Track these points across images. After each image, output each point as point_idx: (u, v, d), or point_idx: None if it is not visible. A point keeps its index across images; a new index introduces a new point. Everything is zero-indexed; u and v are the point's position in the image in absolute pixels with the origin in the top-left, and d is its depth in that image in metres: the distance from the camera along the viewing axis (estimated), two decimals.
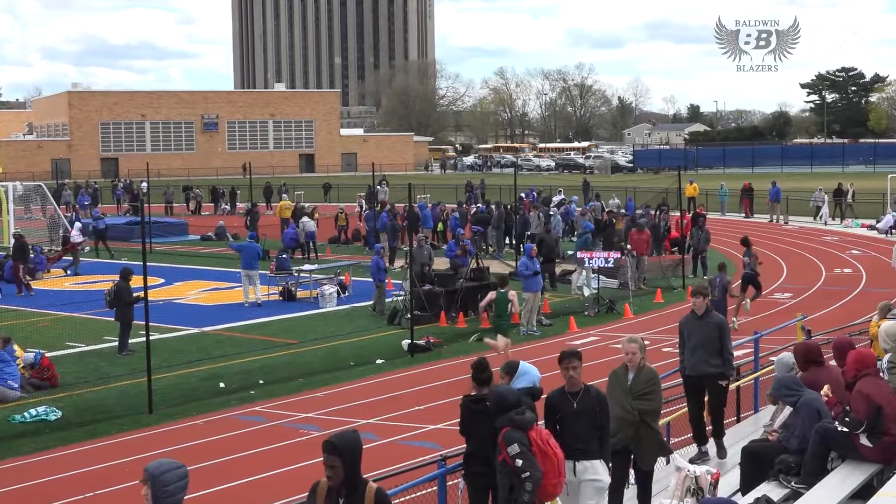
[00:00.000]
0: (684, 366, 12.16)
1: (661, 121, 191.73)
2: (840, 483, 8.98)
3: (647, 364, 10.27)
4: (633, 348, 10.21)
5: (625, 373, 10.25)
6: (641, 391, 10.11)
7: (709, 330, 11.91)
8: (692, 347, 12.00)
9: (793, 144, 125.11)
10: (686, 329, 12.23)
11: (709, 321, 11.99)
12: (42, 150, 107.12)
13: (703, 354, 11.88)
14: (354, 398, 18.03)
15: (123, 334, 21.62)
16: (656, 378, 10.27)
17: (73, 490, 13.57)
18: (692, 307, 12.22)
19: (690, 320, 12.20)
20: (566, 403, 9.32)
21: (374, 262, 26.32)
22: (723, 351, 11.92)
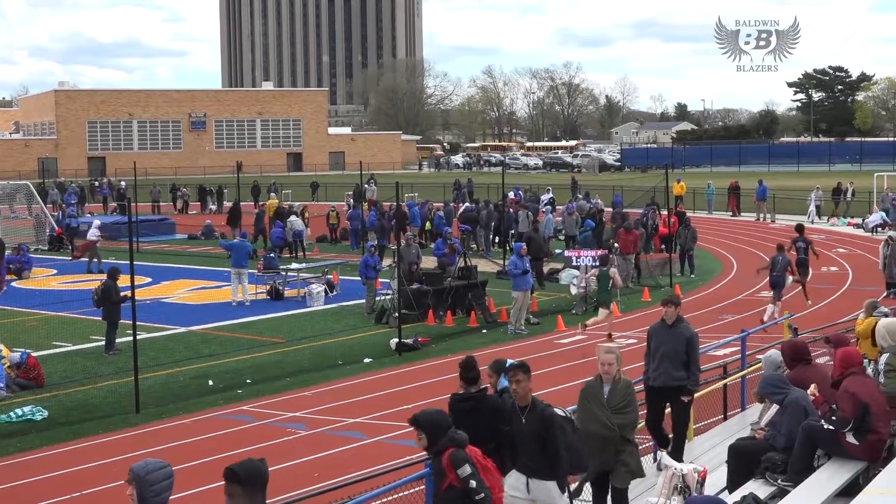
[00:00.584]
0: (648, 375, 11.81)
1: (649, 119, 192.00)
2: (826, 481, 9.01)
3: (622, 375, 9.84)
4: (609, 359, 9.77)
5: (600, 386, 9.77)
6: (619, 405, 9.65)
7: (677, 341, 11.57)
8: (659, 357, 11.66)
9: (779, 143, 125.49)
10: (654, 337, 11.86)
11: (678, 332, 11.65)
12: (29, 149, 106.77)
13: (669, 366, 11.54)
14: (342, 397, 18.01)
15: (110, 333, 21.57)
16: (632, 389, 9.93)
17: (60, 490, 13.52)
18: (663, 316, 11.85)
19: (660, 329, 11.85)
20: (516, 417, 8.96)
21: (362, 260, 26.35)
22: (689, 364, 11.58)
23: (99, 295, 21.52)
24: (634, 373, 13.07)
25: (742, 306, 26.32)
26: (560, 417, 8.86)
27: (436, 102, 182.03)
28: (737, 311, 25.64)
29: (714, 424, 13.70)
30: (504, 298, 25.33)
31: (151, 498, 5.92)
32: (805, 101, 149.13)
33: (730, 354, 17.80)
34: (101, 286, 21.61)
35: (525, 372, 8.81)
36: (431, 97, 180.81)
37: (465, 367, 9.87)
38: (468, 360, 9.99)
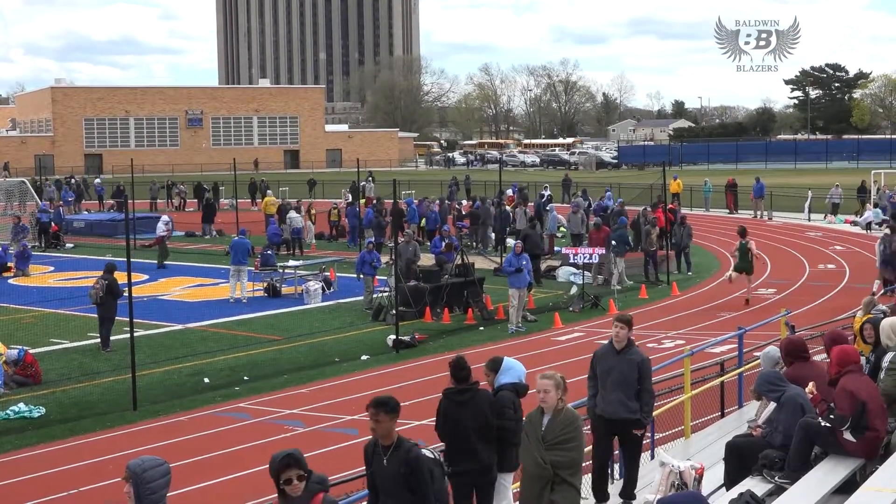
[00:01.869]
0: (594, 403, 10.52)
1: (646, 117, 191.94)
2: (823, 478, 9.02)
3: (566, 405, 8.58)
4: (546, 385, 8.51)
5: (539, 417, 8.61)
6: (557, 439, 8.45)
7: (628, 368, 10.27)
8: (609, 385, 10.33)
9: (777, 140, 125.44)
10: (601, 363, 10.49)
11: (629, 357, 10.30)
12: (25, 146, 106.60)
13: (621, 396, 10.25)
14: (339, 394, 18.02)
15: (108, 330, 21.58)
16: (576, 422, 8.59)
17: (58, 487, 13.52)
18: (612, 337, 10.43)
19: (608, 354, 10.47)
20: (377, 458, 7.92)
21: (360, 256, 26.41)
22: (642, 393, 10.33)
23: (104, 291, 21.45)
24: None
25: (739, 304, 26.32)
26: (428, 460, 7.95)
27: (433, 100, 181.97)
28: (734, 308, 25.65)
29: (711, 421, 13.72)
30: (501, 296, 25.34)
31: (148, 496, 5.92)
32: (802, 98, 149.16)
33: (727, 352, 17.84)
34: (104, 282, 21.50)
35: (388, 412, 7.51)
36: (428, 94, 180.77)
37: (455, 367, 9.97)
38: (458, 360, 10.06)
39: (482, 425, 9.59)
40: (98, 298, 21.42)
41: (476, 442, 9.54)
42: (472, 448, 9.52)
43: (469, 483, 9.69)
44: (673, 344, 21.27)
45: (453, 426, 9.65)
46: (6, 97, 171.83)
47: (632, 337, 10.48)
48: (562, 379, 8.57)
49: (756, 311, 24.52)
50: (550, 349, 21.49)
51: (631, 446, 10.51)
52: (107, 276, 21.58)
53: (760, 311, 24.31)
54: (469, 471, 9.61)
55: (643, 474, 10.79)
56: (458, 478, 9.69)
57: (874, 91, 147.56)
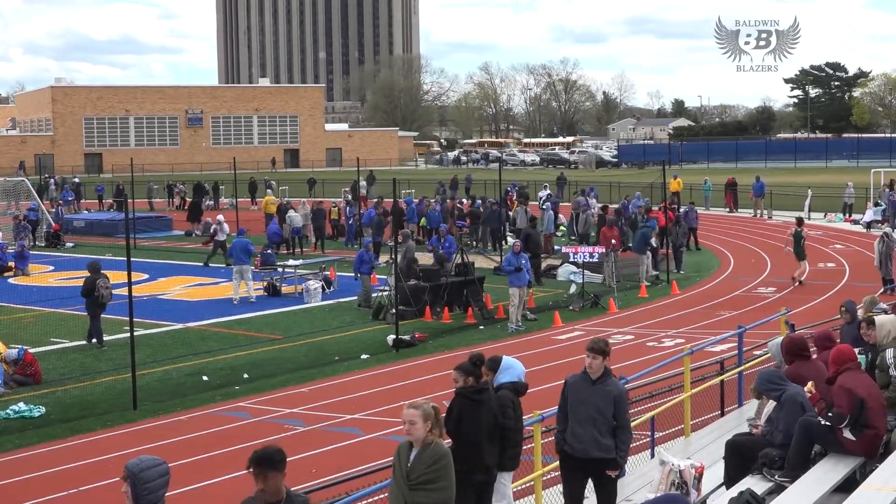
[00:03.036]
0: (563, 438, 9.52)
1: (646, 116, 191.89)
2: (823, 476, 9.02)
3: (437, 440, 7.54)
4: (412, 416, 7.48)
5: (407, 451, 7.64)
6: (421, 478, 7.51)
7: (603, 401, 9.27)
8: (580, 420, 9.37)
9: (776, 139, 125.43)
10: (573, 395, 9.46)
11: (605, 388, 9.30)
12: (25, 146, 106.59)
13: (594, 432, 9.30)
14: (339, 393, 18.02)
15: (96, 325, 21.97)
16: (445, 458, 7.59)
17: (58, 486, 13.52)
18: (585, 367, 9.41)
19: (581, 384, 9.45)
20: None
21: (358, 255, 26.46)
22: (618, 430, 9.35)
23: (109, 290, 21.77)
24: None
25: (739, 302, 26.34)
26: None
27: (433, 99, 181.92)
28: (734, 307, 25.66)
29: (711, 420, 13.72)
30: (501, 295, 25.34)
31: (145, 496, 5.91)
32: (802, 97, 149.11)
33: (727, 350, 17.84)
34: (98, 281, 21.78)
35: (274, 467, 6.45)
36: (428, 93, 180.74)
37: (475, 363, 9.88)
38: (478, 357, 10.00)
39: (493, 426, 9.59)
40: (106, 297, 21.82)
41: (485, 442, 9.53)
42: (480, 448, 9.51)
43: (471, 483, 9.68)
44: (673, 343, 21.28)
45: (468, 426, 9.57)
46: (6, 96, 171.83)
47: (609, 366, 9.43)
48: (433, 409, 7.47)
49: (756, 310, 24.52)
50: (550, 348, 21.50)
51: (605, 490, 9.51)
52: (96, 275, 21.96)
53: (760, 310, 24.32)
54: (472, 470, 9.60)
55: (643, 472, 10.80)
56: (461, 477, 9.68)
57: (874, 90, 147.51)
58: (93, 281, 21.84)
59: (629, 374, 12.22)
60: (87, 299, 21.94)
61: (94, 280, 21.84)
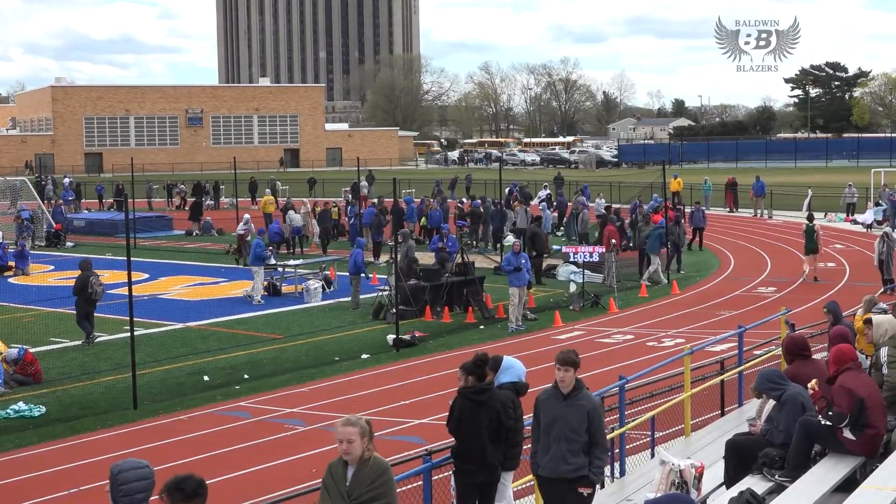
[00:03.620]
0: (536, 461, 9.06)
1: (646, 115, 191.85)
2: (824, 476, 9.02)
3: (375, 454, 7.08)
4: (349, 434, 6.95)
5: (343, 469, 7.17)
6: (364, 496, 7.06)
7: (575, 417, 8.74)
8: (552, 437, 8.84)
9: (777, 139, 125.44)
10: (544, 410, 8.96)
11: (577, 403, 8.77)
12: (26, 145, 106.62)
13: (565, 450, 8.74)
14: (339, 393, 18.02)
15: (85, 323, 22.18)
16: (387, 473, 7.20)
17: (58, 486, 13.52)
18: (556, 381, 8.88)
19: (552, 400, 8.92)
20: None
21: (352, 255, 26.56)
22: (592, 446, 8.78)
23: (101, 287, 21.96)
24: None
25: (739, 302, 26.34)
26: None
27: (433, 98, 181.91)
28: (734, 306, 25.66)
29: (711, 420, 13.72)
30: (501, 294, 25.34)
31: (120, 497, 5.87)
32: (802, 97, 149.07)
33: (727, 350, 17.85)
34: (91, 278, 22.05)
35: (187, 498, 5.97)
36: (428, 93, 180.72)
37: (477, 363, 9.88)
38: (482, 356, 10.00)
39: (495, 426, 9.59)
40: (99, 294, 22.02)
41: (487, 442, 9.53)
42: (482, 448, 9.51)
43: (474, 482, 9.68)
44: (673, 342, 21.29)
45: (468, 426, 9.59)
46: (6, 96, 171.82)
47: (580, 378, 8.92)
48: (367, 424, 7.06)
49: (756, 310, 24.52)
50: (550, 347, 21.47)
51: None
52: (89, 272, 22.14)
53: (760, 310, 24.32)
54: (476, 470, 9.60)
55: (643, 472, 10.80)
56: (465, 477, 9.68)
57: (874, 89, 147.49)
58: (85, 278, 22.02)
59: (629, 374, 12.22)
60: (79, 297, 22.08)
61: (87, 277, 22.00)
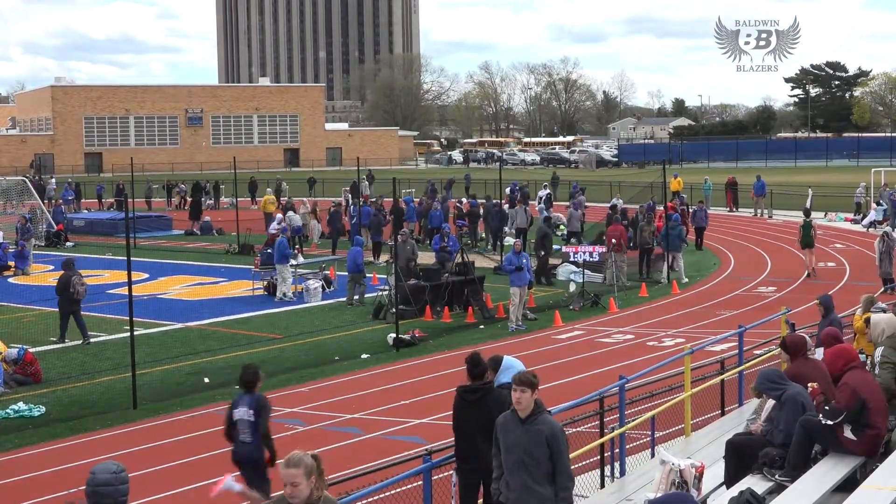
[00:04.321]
0: (499, 488, 8.46)
1: (646, 115, 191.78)
2: (824, 476, 9.01)
3: (325, 493, 6.15)
4: (292, 476, 5.99)
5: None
6: None
7: (534, 443, 8.04)
8: (512, 464, 8.20)
9: (777, 139, 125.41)
10: (503, 435, 8.29)
11: (535, 428, 8.05)
12: (25, 145, 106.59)
13: (526, 479, 8.10)
14: (339, 393, 18.01)
15: (82, 322, 22.32)
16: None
17: (58, 486, 13.50)
18: (513, 404, 8.15)
19: (510, 424, 8.23)
20: None
21: (351, 254, 26.66)
22: (557, 476, 8.10)
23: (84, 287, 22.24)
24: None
25: (739, 302, 26.33)
26: None
27: (433, 98, 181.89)
28: (734, 306, 25.65)
29: (711, 420, 13.71)
30: (501, 294, 25.34)
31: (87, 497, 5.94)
32: (802, 96, 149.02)
33: (727, 350, 17.84)
34: (75, 278, 22.17)
35: None
36: (428, 93, 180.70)
37: (470, 363, 9.89)
38: (474, 356, 9.99)
39: (489, 425, 9.57)
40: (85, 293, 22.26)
41: (481, 442, 9.51)
42: (478, 448, 9.50)
43: (475, 482, 9.68)
44: (673, 342, 21.28)
45: (460, 424, 9.61)
46: (6, 96, 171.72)
47: (540, 399, 8.18)
48: (314, 461, 6.11)
49: (756, 310, 24.51)
50: (550, 347, 21.49)
51: None
52: (70, 271, 22.31)
53: (760, 309, 24.31)
54: (475, 470, 9.60)
55: (644, 472, 10.78)
56: (465, 476, 9.68)
57: (874, 89, 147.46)
58: (67, 278, 22.13)
59: (629, 374, 12.21)
60: (61, 297, 22.14)
61: (69, 277, 22.08)
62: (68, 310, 22.15)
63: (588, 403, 12.01)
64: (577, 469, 12.22)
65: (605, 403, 12.17)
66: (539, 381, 8.21)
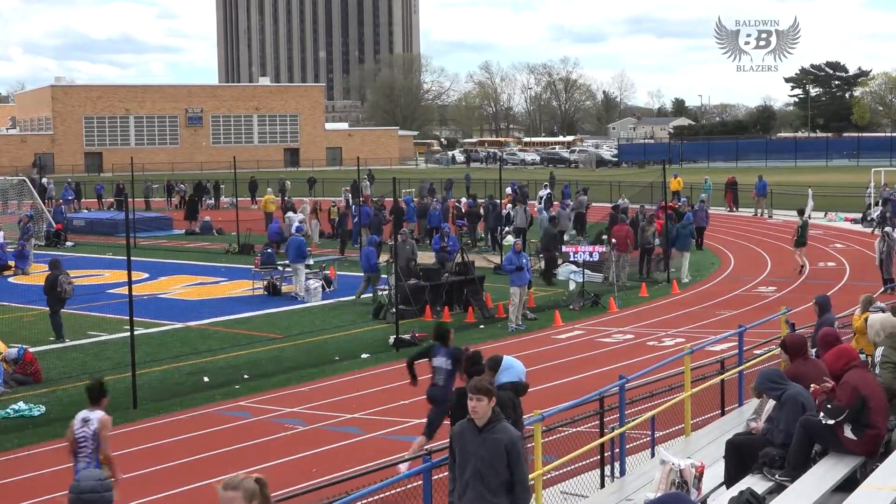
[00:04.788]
0: (453, 501, 8.16)
1: (646, 115, 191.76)
2: (824, 475, 9.01)
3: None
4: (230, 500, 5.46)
5: None
6: None
7: (493, 452, 7.73)
8: (467, 476, 7.89)
9: (777, 139, 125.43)
10: (459, 446, 7.97)
11: (493, 437, 7.75)
12: (25, 145, 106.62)
13: (483, 489, 7.80)
14: (339, 393, 18.01)
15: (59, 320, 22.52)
16: None
17: (58, 486, 13.48)
18: (469, 413, 7.85)
19: (467, 433, 7.92)
20: None
21: (364, 253, 26.71)
22: (514, 485, 7.82)
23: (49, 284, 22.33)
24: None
25: (739, 301, 26.33)
26: None
27: (433, 98, 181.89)
28: (734, 306, 25.65)
29: (711, 420, 13.70)
30: (501, 294, 25.34)
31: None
32: (802, 96, 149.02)
33: (727, 350, 17.83)
34: (62, 278, 22.23)
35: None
36: (428, 93, 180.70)
37: (469, 362, 9.90)
38: (474, 355, 10.00)
39: None
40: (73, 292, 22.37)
41: None
42: None
43: None
44: (673, 342, 21.28)
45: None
46: (6, 95, 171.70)
47: (497, 407, 7.89)
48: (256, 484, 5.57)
49: (756, 309, 24.51)
50: (550, 347, 21.49)
51: None
52: (56, 271, 22.39)
53: (760, 309, 24.30)
54: None
55: (644, 472, 10.78)
56: None
57: (874, 89, 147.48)
58: (55, 277, 22.17)
59: (629, 374, 12.21)
60: (49, 296, 22.20)
61: (56, 276, 22.13)
62: (58, 307, 22.28)
63: (588, 403, 12.00)
64: (577, 469, 12.25)
65: (605, 403, 12.17)
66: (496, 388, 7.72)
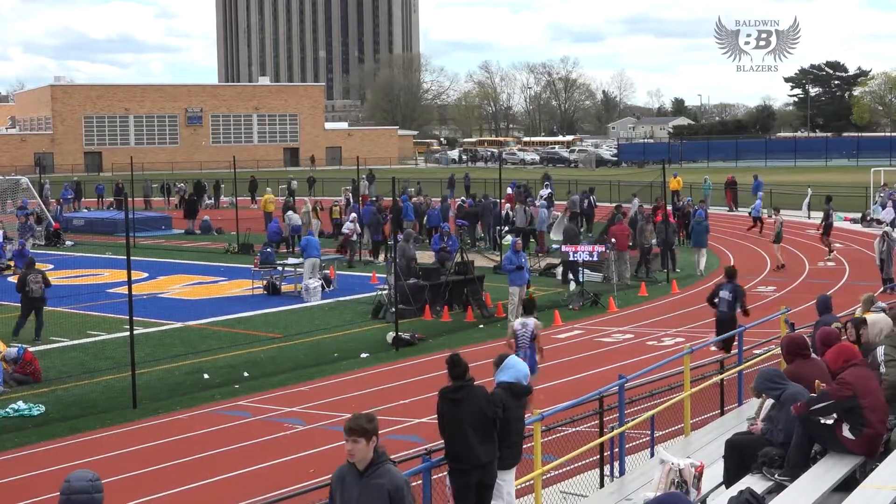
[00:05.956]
0: None
1: (646, 115, 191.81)
2: (823, 475, 9.01)
3: None
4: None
5: None
6: None
7: (375, 498, 6.94)
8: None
9: (776, 138, 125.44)
10: (340, 493, 7.17)
11: (375, 482, 6.96)
12: (25, 144, 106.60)
13: None
14: (339, 392, 18.01)
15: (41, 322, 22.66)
16: None
17: (58, 486, 13.43)
18: (347, 456, 7.06)
19: (347, 478, 7.14)
20: None
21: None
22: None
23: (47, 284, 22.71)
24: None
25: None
26: None
27: (432, 97, 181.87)
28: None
29: (711, 419, 13.70)
30: (501, 293, 25.33)
31: None
32: (802, 96, 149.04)
33: None
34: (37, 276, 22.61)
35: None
36: (428, 92, 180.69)
37: (450, 364, 9.99)
38: (453, 357, 10.07)
39: (480, 421, 9.60)
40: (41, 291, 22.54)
41: (474, 439, 9.53)
42: (471, 446, 9.52)
43: (470, 482, 9.68)
44: (673, 341, 21.29)
45: (451, 425, 9.64)
46: (6, 95, 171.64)
47: (382, 448, 7.08)
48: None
49: (756, 309, 24.46)
50: (550, 347, 21.44)
51: None
52: (27, 270, 22.78)
53: (760, 309, 24.28)
54: (469, 469, 9.60)
55: (643, 472, 10.77)
56: (459, 477, 9.67)
57: (874, 89, 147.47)
58: (24, 276, 22.48)
59: (629, 373, 12.22)
60: (21, 294, 22.48)
61: (26, 275, 22.47)
62: (30, 307, 22.42)
63: (587, 403, 12.01)
64: (576, 468, 12.27)
65: (604, 403, 12.17)
66: (377, 424, 7.02)
